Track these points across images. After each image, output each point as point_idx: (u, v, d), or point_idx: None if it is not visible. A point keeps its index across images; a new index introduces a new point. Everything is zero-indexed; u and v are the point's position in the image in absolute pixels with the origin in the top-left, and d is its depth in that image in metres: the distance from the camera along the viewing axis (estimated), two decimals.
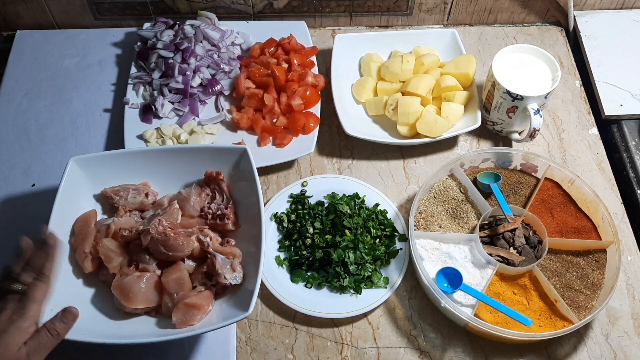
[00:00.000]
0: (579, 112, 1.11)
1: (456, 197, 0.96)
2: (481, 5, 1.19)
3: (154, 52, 1.08)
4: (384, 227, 0.95)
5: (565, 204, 0.95)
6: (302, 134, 1.03)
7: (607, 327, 0.89)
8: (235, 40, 1.13)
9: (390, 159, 1.05)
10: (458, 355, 0.87)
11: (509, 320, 0.84)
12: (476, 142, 1.08)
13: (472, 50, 1.19)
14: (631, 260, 0.95)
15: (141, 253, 0.82)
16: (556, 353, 0.87)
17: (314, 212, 0.95)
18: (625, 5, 1.22)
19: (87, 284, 0.82)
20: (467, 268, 0.89)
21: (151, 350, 0.86)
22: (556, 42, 1.21)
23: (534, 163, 0.98)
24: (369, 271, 0.90)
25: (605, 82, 1.12)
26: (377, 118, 1.07)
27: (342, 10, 1.18)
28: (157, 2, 1.14)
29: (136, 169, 0.88)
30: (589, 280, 0.88)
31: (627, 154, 1.06)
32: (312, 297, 0.90)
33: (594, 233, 0.92)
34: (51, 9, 1.15)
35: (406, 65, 1.06)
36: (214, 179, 0.88)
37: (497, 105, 1.00)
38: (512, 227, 0.90)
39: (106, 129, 1.06)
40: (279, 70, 1.04)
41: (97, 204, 0.88)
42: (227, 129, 1.06)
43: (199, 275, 0.81)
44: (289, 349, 0.87)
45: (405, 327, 0.89)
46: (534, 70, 1.00)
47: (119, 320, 0.79)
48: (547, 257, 0.90)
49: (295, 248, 0.93)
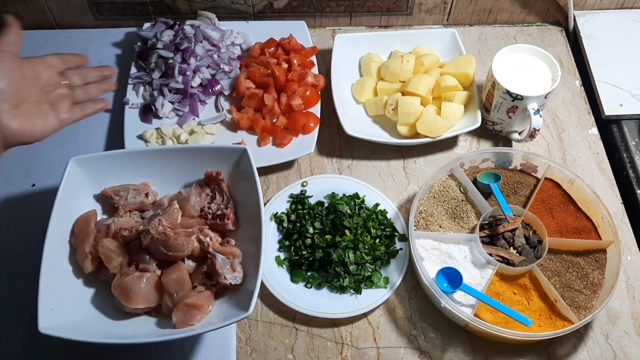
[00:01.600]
0: (579, 112, 1.11)
1: (456, 197, 0.96)
2: (481, 5, 1.19)
3: (154, 52, 1.08)
4: (384, 227, 0.95)
5: (565, 204, 0.95)
6: (302, 134, 1.03)
7: (607, 327, 0.89)
8: (235, 40, 1.13)
9: (390, 159, 1.05)
10: (458, 355, 0.87)
11: (509, 320, 0.84)
12: (476, 142, 1.08)
13: (472, 50, 1.19)
14: (631, 260, 0.95)
15: (141, 253, 0.82)
16: (556, 353, 0.87)
17: (314, 212, 0.95)
18: (625, 5, 1.22)
19: (87, 284, 0.82)
20: (467, 268, 0.89)
21: (151, 350, 0.86)
22: (556, 42, 1.21)
23: (534, 163, 0.98)
24: (369, 271, 0.90)
25: (605, 82, 1.12)
26: (377, 118, 1.07)
27: (342, 10, 1.18)
28: (157, 2, 1.14)
29: (136, 169, 0.88)
30: (589, 280, 0.88)
31: (627, 154, 1.06)
32: (312, 297, 0.90)
33: (594, 233, 0.92)
34: (51, 9, 1.15)
35: (406, 65, 1.06)
36: (214, 179, 0.88)
37: (497, 105, 1.00)
38: (512, 227, 0.90)
39: (106, 129, 1.07)
40: (279, 70, 1.04)
41: (97, 204, 0.88)
42: (227, 129, 1.06)
43: (199, 275, 0.81)
44: (289, 349, 0.87)
45: (405, 327, 0.89)
46: (533, 70, 1.00)
47: (119, 320, 0.79)
48: (547, 257, 0.90)
49: (295, 248, 0.93)
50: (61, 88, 0.77)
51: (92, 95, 0.81)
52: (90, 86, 0.81)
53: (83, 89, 0.80)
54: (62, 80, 0.78)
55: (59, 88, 0.77)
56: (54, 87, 0.77)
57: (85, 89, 0.81)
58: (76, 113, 0.78)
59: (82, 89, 0.80)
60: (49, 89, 0.76)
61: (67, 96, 0.78)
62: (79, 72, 0.81)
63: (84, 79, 0.81)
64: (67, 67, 0.80)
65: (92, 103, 0.81)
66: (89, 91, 0.81)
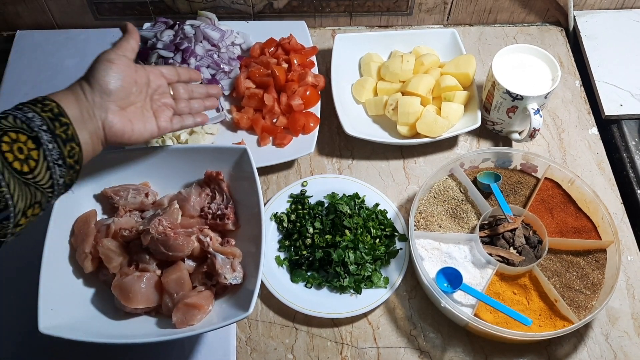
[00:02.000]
0: (579, 112, 1.11)
1: (456, 197, 0.96)
2: (481, 5, 1.19)
3: (154, 52, 1.08)
4: (384, 227, 0.95)
5: (565, 203, 0.95)
6: (302, 134, 1.03)
7: (607, 327, 0.89)
8: (235, 40, 1.13)
9: (390, 159, 1.05)
10: (458, 355, 0.87)
11: (509, 320, 0.84)
12: (476, 142, 1.08)
13: (472, 50, 1.19)
14: (631, 260, 0.95)
15: (141, 253, 0.82)
16: (556, 353, 0.87)
17: (314, 212, 0.95)
18: (625, 5, 1.22)
19: (87, 284, 0.82)
20: (467, 268, 0.89)
21: (151, 350, 0.86)
22: (556, 42, 1.21)
23: (533, 163, 0.98)
24: (369, 271, 0.90)
25: (605, 82, 1.12)
26: (377, 118, 1.07)
27: (342, 10, 1.18)
28: (157, 2, 1.14)
29: (136, 169, 0.88)
30: (588, 280, 0.88)
31: (627, 154, 1.06)
32: (312, 297, 0.90)
33: (594, 233, 0.92)
34: (51, 9, 1.15)
35: (406, 65, 1.06)
36: (214, 179, 0.88)
37: (497, 105, 1.00)
38: (512, 227, 0.90)
39: None
40: (279, 70, 1.04)
41: (97, 204, 0.88)
42: (227, 129, 1.06)
43: (199, 275, 0.81)
44: (289, 349, 0.87)
45: (405, 327, 0.89)
46: (533, 70, 1.00)
47: (119, 320, 0.79)
48: (547, 257, 0.90)
49: (295, 248, 0.93)
50: (167, 98, 0.81)
51: (194, 110, 0.85)
52: (194, 101, 0.85)
53: (186, 102, 0.84)
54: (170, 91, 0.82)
55: (165, 98, 0.81)
56: (161, 96, 0.80)
57: (189, 103, 0.84)
58: (175, 124, 0.81)
59: (186, 102, 0.84)
60: (155, 97, 0.79)
61: (170, 106, 0.81)
62: (186, 86, 0.84)
63: (190, 94, 0.85)
64: (178, 79, 0.83)
65: (191, 116, 0.84)
66: (192, 105, 0.85)
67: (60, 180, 0.66)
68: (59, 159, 0.64)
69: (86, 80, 0.71)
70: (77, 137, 0.67)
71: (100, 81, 0.71)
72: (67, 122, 0.66)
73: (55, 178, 0.65)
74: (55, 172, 0.64)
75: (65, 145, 0.65)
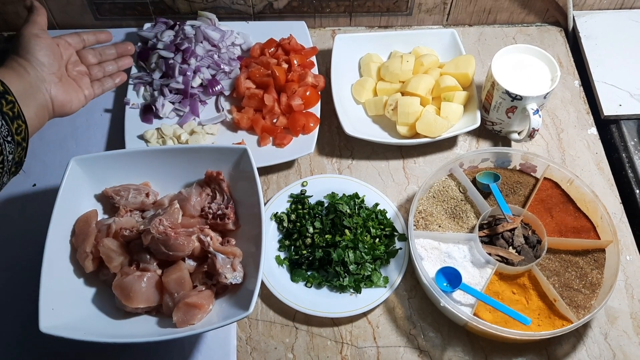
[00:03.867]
0: (578, 112, 1.12)
1: (455, 197, 0.96)
2: (481, 6, 1.19)
3: (155, 52, 1.08)
4: (383, 227, 0.95)
5: (564, 203, 0.95)
6: (302, 134, 1.03)
7: (606, 326, 0.90)
8: (235, 40, 1.14)
9: (390, 159, 1.05)
10: (457, 354, 0.87)
11: (508, 320, 0.84)
12: (475, 142, 1.08)
13: (471, 50, 1.19)
14: (630, 259, 0.96)
15: (142, 253, 0.82)
16: (555, 352, 0.87)
17: (314, 212, 0.95)
18: (625, 6, 1.22)
19: (88, 283, 0.82)
20: (466, 267, 0.89)
21: (152, 349, 0.86)
22: (555, 42, 1.21)
23: (533, 163, 0.98)
24: (369, 271, 0.90)
25: (604, 82, 1.12)
26: (376, 118, 1.08)
27: (342, 11, 1.18)
28: (157, 3, 1.15)
29: (137, 169, 0.88)
30: (587, 280, 0.88)
31: (626, 154, 1.06)
32: (312, 296, 0.90)
33: (593, 233, 0.92)
34: (51, 9, 1.15)
35: (406, 66, 1.07)
36: (214, 178, 0.88)
37: (497, 105, 1.01)
38: (511, 227, 0.91)
39: (107, 129, 1.07)
40: (279, 70, 1.04)
41: (97, 203, 0.89)
42: (228, 129, 1.06)
43: (200, 275, 0.81)
44: (289, 348, 0.88)
45: (404, 326, 0.89)
46: (533, 70, 1.00)
47: (120, 319, 0.79)
48: (546, 257, 0.90)
49: (295, 248, 0.94)
50: (80, 66, 0.82)
51: (109, 72, 0.86)
52: (106, 63, 0.86)
53: (99, 67, 0.85)
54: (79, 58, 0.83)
55: (78, 66, 0.82)
56: (74, 65, 0.81)
57: (102, 67, 0.85)
58: (97, 89, 0.83)
59: (98, 66, 0.85)
60: (69, 67, 0.80)
61: (85, 73, 0.82)
62: (94, 51, 0.85)
63: (99, 57, 0.85)
64: (84, 45, 0.84)
65: (110, 78, 0.85)
66: (106, 68, 0.85)
67: (9, 157, 0.67)
68: (7, 136, 0.66)
69: (20, 56, 0.73)
70: (22, 114, 0.69)
71: (37, 55, 0.72)
72: (12, 100, 0.68)
73: (5, 155, 0.67)
74: (5, 148, 0.66)
75: (13, 123, 0.67)
